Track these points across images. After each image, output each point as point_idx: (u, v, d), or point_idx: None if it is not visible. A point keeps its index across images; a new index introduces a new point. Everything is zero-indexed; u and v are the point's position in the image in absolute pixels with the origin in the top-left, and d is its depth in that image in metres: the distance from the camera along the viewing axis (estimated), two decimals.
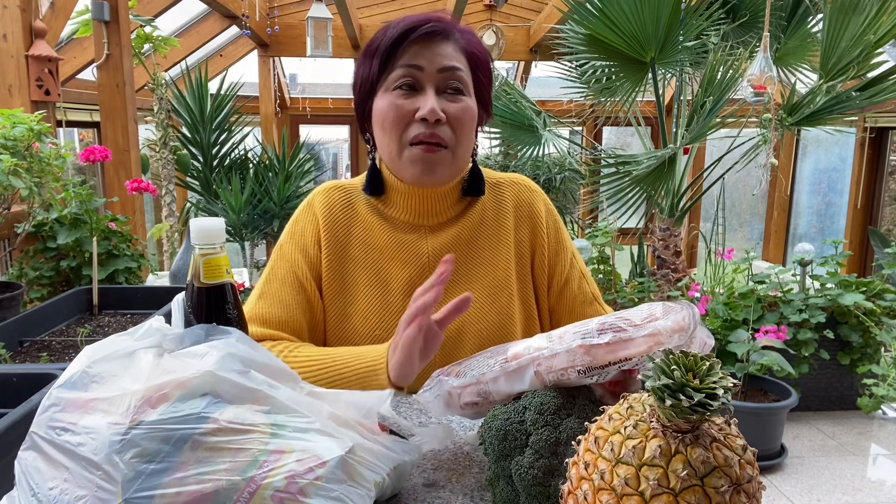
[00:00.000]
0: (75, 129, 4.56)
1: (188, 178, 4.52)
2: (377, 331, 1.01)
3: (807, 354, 3.05)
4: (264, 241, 4.71)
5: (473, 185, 1.06)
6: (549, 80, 6.19)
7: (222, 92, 4.58)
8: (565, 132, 4.53)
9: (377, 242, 1.05)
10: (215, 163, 4.62)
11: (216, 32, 5.35)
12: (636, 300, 3.50)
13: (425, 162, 0.96)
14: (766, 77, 2.73)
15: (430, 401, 0.77)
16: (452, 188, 1.05)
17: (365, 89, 1.00)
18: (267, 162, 4.68)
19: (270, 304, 1.00)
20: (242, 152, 4.79)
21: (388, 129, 0.97)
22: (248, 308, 1.01)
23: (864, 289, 3.21)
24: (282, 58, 6.52)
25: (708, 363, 0.48)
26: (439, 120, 0.94)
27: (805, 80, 3.55)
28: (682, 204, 3.54)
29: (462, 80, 0.97)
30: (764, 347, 2.82)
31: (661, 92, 3.38)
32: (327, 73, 7.41)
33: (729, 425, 0.52)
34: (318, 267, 1.04)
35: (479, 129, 1.06)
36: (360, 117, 1.05)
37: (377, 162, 1.05)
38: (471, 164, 1.07)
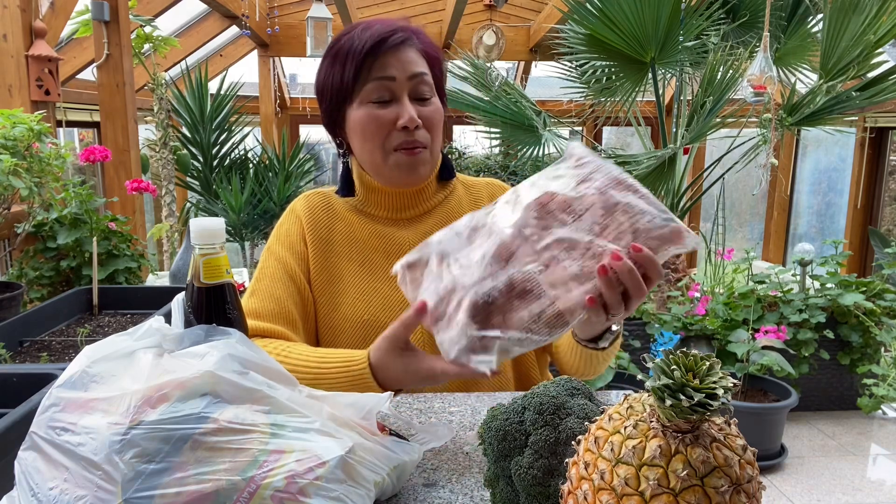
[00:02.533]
0: (75, 129, 4.55)
1: (188, 178, 4.51)
2: (365, 315, 1.04)
3: (807, 354, 3.05)
4: (264, 241, 4.71)
5: (444, 171, 1.13)
6: (549, 80, 6.19)
7: (222, 92, 4.58)
8: (565, 132, 4.52)
9: (359, 236, 1.09)
10: (215, 163, 4.61)
11: (216, 32, 5.35)
12: None
13: (410, 165, 1.02)
14: (766, 77, 2.73)
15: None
16: (428, 182, 1.11)
17: (339, 97, 1.03)
18: (267, 162, 4.67)
19: (262, 299, 1.03)
20: (242, 152, 4.78)
21: (369, 139, 1.01)
22: None
23: (864, 289, 3.21)
24: (282, 58, 6.51)
25: (708, 363, 0.48)
26: (417, 126, 1.00)
27: (805, 80, 3.55)
28: (682, 204, 3.53)
29: (429, 83, 1.03)
30: (764, 347, 2.82)
31: (661, 92, 3.38)
32: None
33: (729, 425, 0.52)
34: (306, 261, 1.07)
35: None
36: (328, 122, 1.07)
37: (349, 164, 1.11)
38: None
